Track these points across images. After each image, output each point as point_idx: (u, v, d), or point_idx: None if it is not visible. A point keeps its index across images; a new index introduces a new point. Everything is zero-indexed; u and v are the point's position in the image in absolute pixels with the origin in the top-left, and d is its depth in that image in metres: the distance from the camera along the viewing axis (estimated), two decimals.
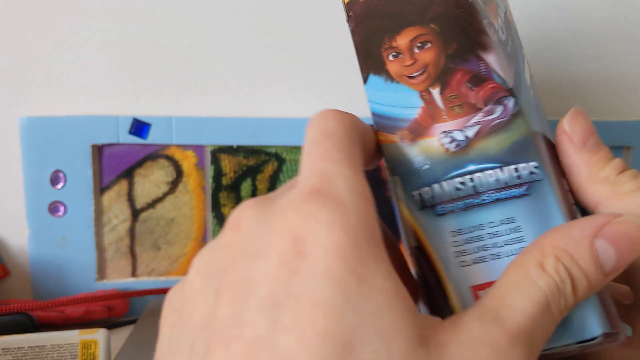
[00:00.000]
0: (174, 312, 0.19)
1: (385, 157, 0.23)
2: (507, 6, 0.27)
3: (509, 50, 0.24)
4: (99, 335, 0.35)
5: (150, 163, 0.50)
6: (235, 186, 0.51)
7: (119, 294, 0.43)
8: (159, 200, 0.51)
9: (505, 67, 0.23)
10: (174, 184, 0.51)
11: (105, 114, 0.49)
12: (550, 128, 0.25)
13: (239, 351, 0.16)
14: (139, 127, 0.49)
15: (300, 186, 0.18)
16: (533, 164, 0.22)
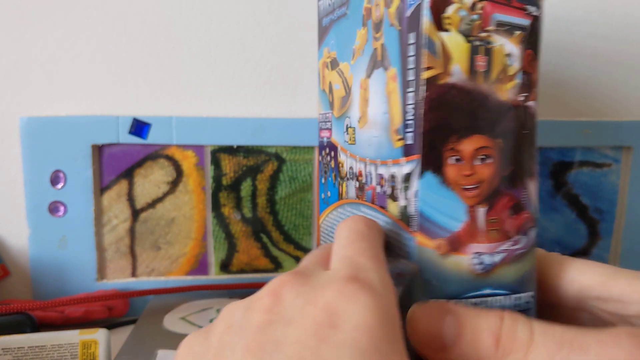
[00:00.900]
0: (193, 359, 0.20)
1: (419, 258, 0.23)
2: None
3: None
4: (99, 335, 0.35)
5: (150, 163, 0.50)
6: (235, 186, 0.51)
7: (119, 294, 0.43)
8: (159, 200, 0.51)
9: (537, 194, 0.23)
10: (174, 184, 0.51)
11: (105, 114, 0.49)
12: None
13: None
14: (139, 127, 0.49)
15: (339, 271, 0.20)
16: (530, 294, 0.23)
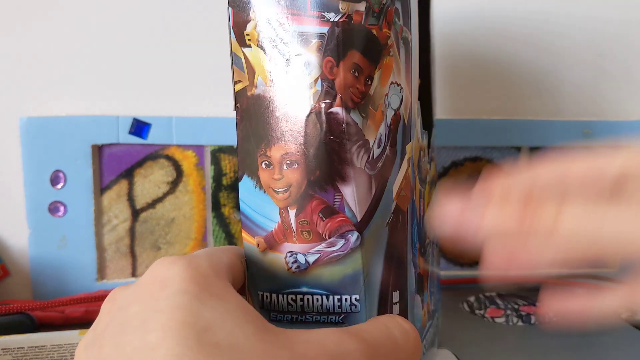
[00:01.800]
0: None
1: (245, 253, 0.25)
2: (407, 95, 0.26)
3: (386, 156, 0.24)
4: None
5: (150, 163, 0.50)
6: (235, 186, 0.51)
7: None
8: (159, 200, 0.51)
9: (362, 197, 0.24)
10: (174, 184, 0.51)
11: (105, 114, 0.49)
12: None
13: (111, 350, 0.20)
14: (139, 127, 0.49)
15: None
16: (355, 297, 0.24)
